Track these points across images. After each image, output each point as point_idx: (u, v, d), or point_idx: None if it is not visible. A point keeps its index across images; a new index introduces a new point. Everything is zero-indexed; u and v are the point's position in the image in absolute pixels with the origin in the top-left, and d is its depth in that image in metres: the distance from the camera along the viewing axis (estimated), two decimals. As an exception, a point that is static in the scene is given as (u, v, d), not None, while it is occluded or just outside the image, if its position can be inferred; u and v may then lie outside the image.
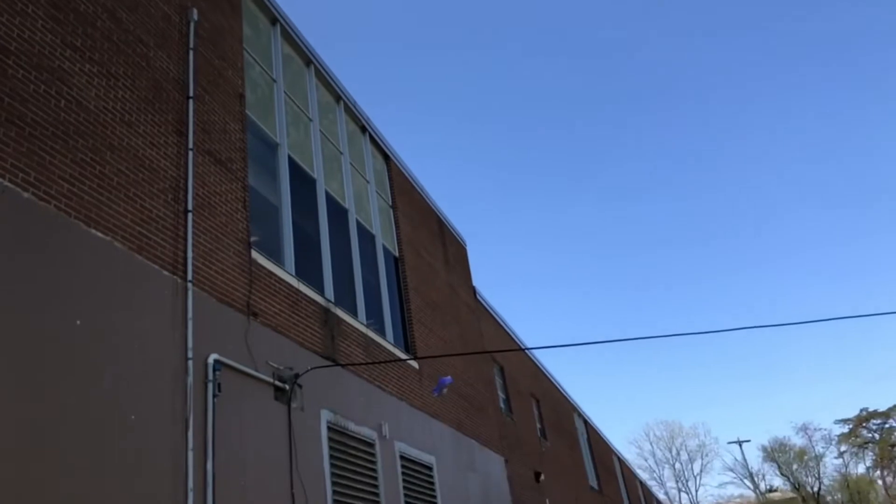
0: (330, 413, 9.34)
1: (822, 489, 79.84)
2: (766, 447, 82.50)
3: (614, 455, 34.78)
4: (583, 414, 29.18)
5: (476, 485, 14.03)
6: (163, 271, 7.00)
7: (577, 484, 23.79)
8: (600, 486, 27.94)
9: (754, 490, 70.72)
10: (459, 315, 16.50)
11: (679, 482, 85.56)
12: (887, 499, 71.70)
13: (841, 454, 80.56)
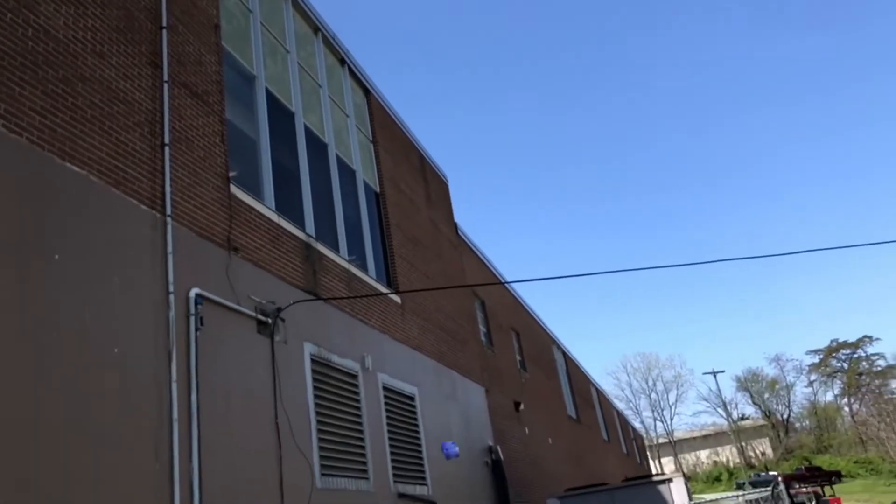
0: (313, 346, 9.46)
1: (792, 416, 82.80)
2: (739, 377, 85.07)
3: (592, 386, 35.66)
4: (562, 346, 29.75)
5: (457, 414, 14.38)
6: (141, 206, 6.94)
7: (555, 413, 24.44)
8: (578, 416, 28.74)
9: (727, 418, 73.23)
10: (441, 250, 16.58)
11: (655, 411, 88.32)
12: (852, 424, 74.51)
13: (811, 383, 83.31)
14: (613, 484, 15.54)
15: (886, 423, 64.77)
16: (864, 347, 78.17)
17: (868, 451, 67.01)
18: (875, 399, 72.08)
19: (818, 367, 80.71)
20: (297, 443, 8.32)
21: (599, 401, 36.84)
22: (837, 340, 79.41)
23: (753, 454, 75.57)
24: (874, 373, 75.76)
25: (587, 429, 30.16)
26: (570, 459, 24.29)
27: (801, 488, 26.56)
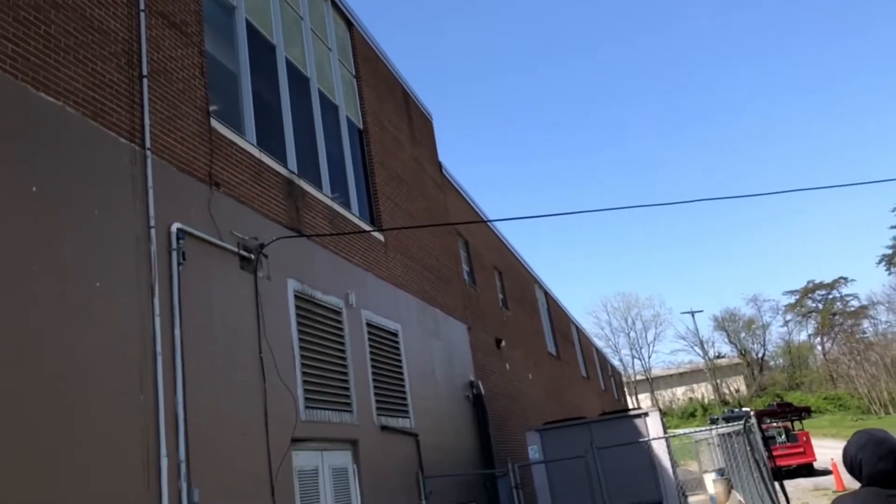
0: (296, 282, 9.49)
1: (766, 355, 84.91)
2: (717, 317, 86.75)
3: (572, 324, 36.22)
4: (543, 285, 30.05)
5: (440, 350, 14.59)
6: (120, 138, 6.82)
7: (536, 350, 24.87)
8: (558, 353, 29.27)
9: (703, 356, 74.94)
10: (425, 189, 16.52)
11: (633, 350, 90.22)
12: (823, 362, 76.62)
13: (786, 323, 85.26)
14: (591, 417, 15.95)
15: (857, 361, 66.62)
16: (839, 288, 79.85)
17: (838, 388, 69.14)
18: (847, 338, 73.96)
19: (794, 307, 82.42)
20: (281, 377, 8.43)
21: (579, 339, 37.49)
22: (814, 282, 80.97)
23: (728, 391, 77.69)
24: (847, 313, 77.53)
25: (567, 365, 30.77)
26: (549, 395, 24.83)
27: (771, 423, 27.41)
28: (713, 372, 71.42)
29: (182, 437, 6.54)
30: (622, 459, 13.02)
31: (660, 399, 78.58)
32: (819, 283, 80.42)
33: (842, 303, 79.22)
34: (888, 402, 58.98)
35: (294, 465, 8.44)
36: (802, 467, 26.43)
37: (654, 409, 14.49)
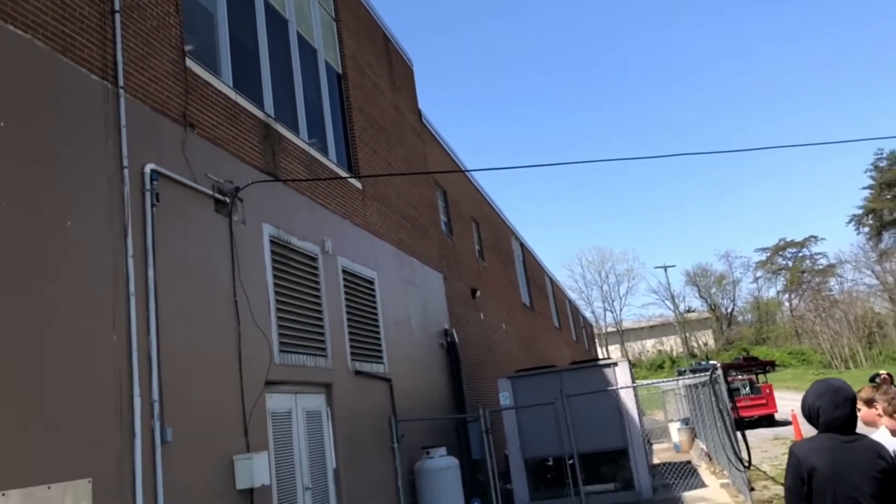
0: (272, 227, 9.46)
1: (735, 310, 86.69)
2: (689, 272, 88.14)
3: (547, 276, 36.57)
4: (520, 237, 30.22)
5: (416, 299, 14.71)
6: (91, 75, 6.67)
7: (510, 301, 25.15)
8: (532, 304, 29.62)
9: (674, 310, 76.18)
10: (404, 137, 16.39)
11: (605, 302, 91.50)
12: (790, 318, 78.45)
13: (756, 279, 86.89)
14: (561, 366, 16.27)
15: (822, 317, 68.31)
16: (809, 247, 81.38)
17: (802, 344, 71.03)
18: (814, 295, 75.66)
19: (764, 264, 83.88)
20: (255, 320, 8.47)
21: (553, 291, 37.91)
22: (785, 240, 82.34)
23: (696, 344, 79.39)
24: (816, 270, 79.16)
25: (540, 316, 31.18)
26: (522, 344, 25.22)
27: (737, 376, 28.18)
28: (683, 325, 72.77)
29: (155, 378, 6.59)
30: (590, 407, 13.35)
31: (630, 351, 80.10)
32: (790, 242, 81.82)
33: (811, 261, 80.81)
34: (849, 357, 60.81)
35: (268, 406, 8.55)
36: (764, 418, 27.31)
37: (623, 360, 14.81)
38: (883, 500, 3.28)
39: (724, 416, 12.20)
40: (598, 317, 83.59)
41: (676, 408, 27.80)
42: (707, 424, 16.52)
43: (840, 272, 75.35)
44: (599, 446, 13.61)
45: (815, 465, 3.38)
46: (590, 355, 47.03)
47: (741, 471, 11.49)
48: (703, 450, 18.71)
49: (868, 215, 70.40)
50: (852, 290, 70.82)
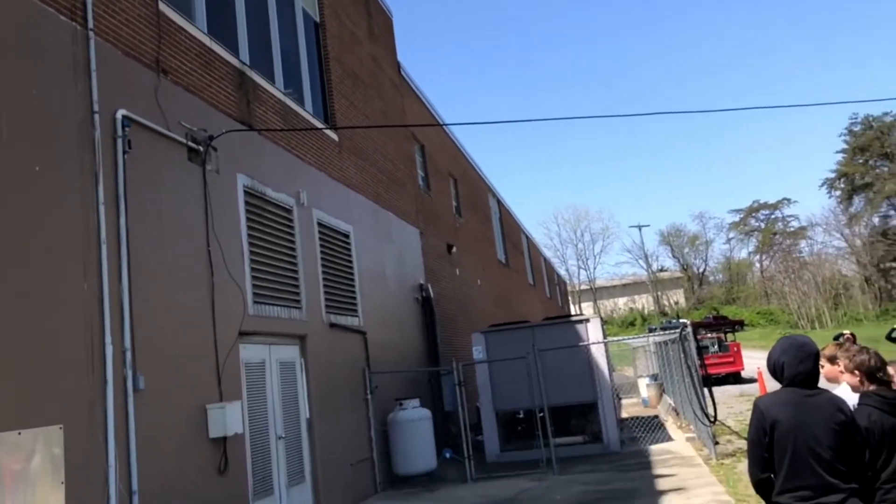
0: (246, 178, 9.34)
1: (707, 270, 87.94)
2: (663, 232, 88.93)
3: (523, 234, 36.72)
4: (497, 194, 30.20)
5: (391, 253, 14.71)
6: (60, 16, 6.46)
7: (486, 257, 25.26)
8: (507, 261, 29.79)
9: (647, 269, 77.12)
10: (382, 90, 16.16)
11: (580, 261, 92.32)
12: (760, 279, 79.88)
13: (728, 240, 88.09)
14: (534, 322, 16.46)
15: (791, 279, 69.68)
16: (782, 209, 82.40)
17: (771, 304, 72.51)
18: (784, 257, 76.98)
19: (737, 225, 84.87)
20: (229, 271, 8.43)
21: (529, 248, 38.12)
22: (759, 201, 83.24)
23: (667, 303, 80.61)
24: (787, 233, 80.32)
25: (515, 273, 31.40)
26: (496, 301, 25.43)
27: (706, 334, 28.73)
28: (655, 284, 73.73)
29: (127, 326, 6.56)
30: (562, 362, 13.57)
31: (602, 308, 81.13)
32: (763, 203, 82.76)
33: (783, 223, 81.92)
34: (815, 318, 62.29)
35: (241, 357, 8.58)
36: (731, 375, 27.98)
37: (595, 317, 15.01)
38: (839, 451, 3.39)
39: (692, 372, 12.46)
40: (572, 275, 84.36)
41: (646, 364, 28.34)
42: (675, 381, 16.89)
43: (811, 235, 76.68)
44: (569, 400, 13.88)
45: (777, 417, 3.48)
46: (563, 312, 47.59)
47: (707, 425, 11.81)
48: (671, 405, 19.16)
49: (840, 179, 71.29)
50: (821, 252, 72.26)
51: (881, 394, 4.15)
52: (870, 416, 4.06)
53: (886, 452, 4.03)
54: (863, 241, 67.86)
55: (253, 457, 8.54)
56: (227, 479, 7.78)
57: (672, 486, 9.62)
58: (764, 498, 3.62)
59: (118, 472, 6.14)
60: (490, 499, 10.18)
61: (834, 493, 3.35)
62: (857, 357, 4.32)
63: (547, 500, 9.70)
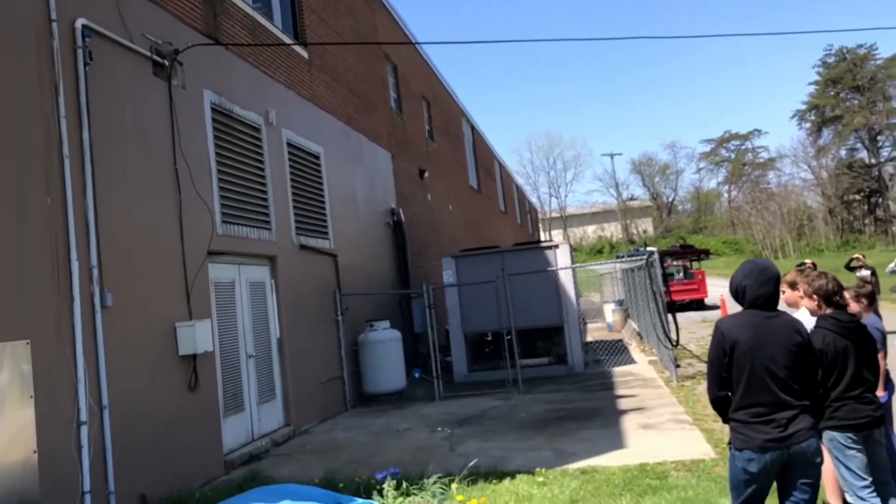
0: (213, 94, 9.09)
1: (676, 199, 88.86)
2: (634, 161, 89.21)
3: (495, 160, 36.55)
4: (470, 120, 29.86)
5: (362, 176, 14.57)
6: (9, -86, 6.07)
7: (458, 183, 25.17)
8: (479, 187, 29.73)
9: (617, 198, 77.67)
10: (354, 6, 15.64)
11: (551, 188, 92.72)
12: (727, 209, 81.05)
13: (699, 170, 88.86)
14: (504, 247, 16.59)
15: (757, 209, 70.82)
16: (753, 140, 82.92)
17: (737, 234, 73.85)
18: (752, 188, 77.97)
19: (708, 155, 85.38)
20: (197, 190, 8.29)
21: (501, 175, 38.02)
22: (730, 132, 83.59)
23: (636, 231, 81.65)
24: (756, 164, 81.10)
25: (486, 200, 31.39)
26: (468, 227, 25.50)
27: (672, 262, 29.28)
28: (624, 213, 74.52)
29: (94, 243, 6.47)
30: (530, 287, 13.76)
31: (571, 236, 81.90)
32: (735, 134, 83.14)
33: (753, 154, 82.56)
34: (779, 248, 63.71)
35: (210, 276, 8.55)
36: (694, 302, 28.71)
37: (564, 243, 15.16)
38: (794, 371, 3.52)
39: (657, 298, 12.73)
40: (543, 202, 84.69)
41: (612, 290, 28.89)
42: (640, 306, 17.27)
43: (779, 166, 77.52)
44: (536, 323, 14.15)
45: (737, 338, 3.58)
46: (533, 239, 47.98)
47: (669, 349, 12.16)
48: (635, 329, 19.66)
49: (811, 111, 71.62)
50: (788, 183, 73.25)
51: (836, 317, 4.31)
52: (824, 339, 4.22)
53: (837, 372, 4.21)
54: (829, 174, 68.86)
55: (223, 374, 8.63)
56: (198, 395, 7.87)
57: (633, 405, 9.96)
58: (721, 414, 3.76)
59: (88, 387, 6.17)
60: (457, 416, 10.47)
61: (787, 410, 3.49)
62: (815, 282, 4.45)
63: (512, 417, 10.01)
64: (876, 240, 61.40)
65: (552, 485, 6.31)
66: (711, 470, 6.34)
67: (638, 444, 7.66)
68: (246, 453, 8.74)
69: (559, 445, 7.95)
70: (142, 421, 6.87)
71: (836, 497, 4.94)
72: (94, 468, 6.12)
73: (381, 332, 12.79)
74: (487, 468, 7.03)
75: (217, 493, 6.56)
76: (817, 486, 3.55)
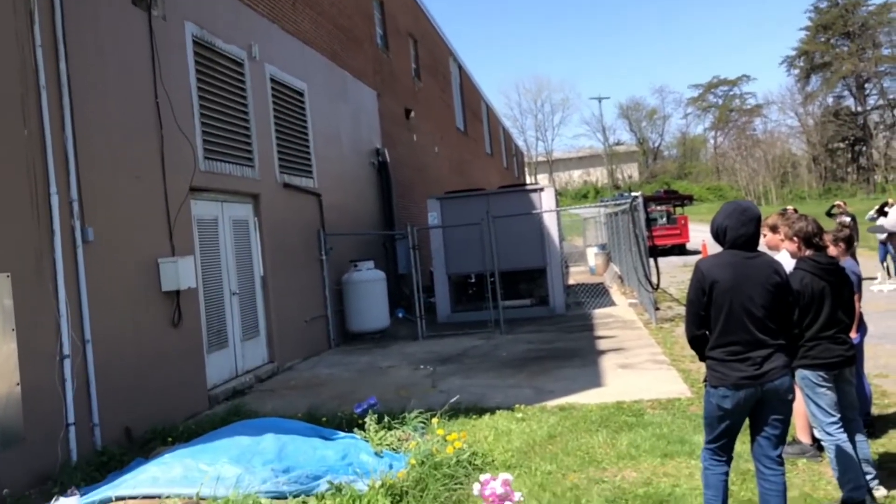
0: (195, 27, 8.85)
1: (662, 145, 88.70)
2: (622, 105, 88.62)
3: (483, 102, 36.12)
4: (458, 59, 29.35)
5: (347, 114, 14.37)
6: None
7: (444, 124, 24.91)
8: (466, 129, 29.46)
9: (603, 142, 77.40)
10: (338, -64, 15.14)
11: (538, 132, 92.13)
12: (713, 155, 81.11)
13: (686, 115, 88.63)
14: (490, 189, 16.56)
15: (742, 156, 70.92)
16: (741, 86, 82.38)
17: (721, 180, 74.06)
18: (738, 134, 77.87)
19: (696, 100, 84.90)
20: (178, 125, 8.15)
21: (488, 117, 37.64)
22: (718, 77, 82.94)
23: (621, 177, 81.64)
24: (743, 110, 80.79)
25: (473, 142, 31.14)
26: (453, 169, 25.35)
27: (656, 207, 29.41)
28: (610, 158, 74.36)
29: (73, 176, 6.37)
30: (514, 229, 13.79)
31: (557, 180, 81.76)
32: (723, 80, 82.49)
33: (740, 100, 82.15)
34: (762, 195, 64.10)
35: (193, 212, 8.48)
36: (676, 247, 28.97)
37: (549, 186, 15.14)
38: (771, 310, 3.58)
39: (639, 241, 12.82)
40: (530, 146, 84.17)
41: (595, 235, 29.07)
42: (622, 250, 17.41)
43: (766, 113, 77.33)
44: (520, 265, 14.24)
45: (717, 278, 3.62)
46: (519, 182, 47.84)
47: (649, 292, 12.31)
48: (617, 273, 19.86)
49: (800, 57, 71.05)
50: (774, 130, 73.19)
51: (815, 259, 4.37)
52: (802, 280, 4.28)
53: (813, 313, 4.29)
54: (815, 121, 68.80)
55: (207, 311, 8.65)
56: (182, 331, 7.90)
57: (612, 346, 10.14)
58: (698, 353, 3.83)
59: (70, 321, 6.17)
60: (439, 355, 10.61)
61: (762, 349, 3.56)
62: (796, 224, 4.49)
63: (493, 356, 10.16)
64: (857, 188, 61.85)
65: (531, 420, 6.46)
66: (687, 408, 6.51)
67: (616, 382, 7.83)
68: (230, 389, 8.84)
69: (539, 383, 8.11)
70: (125, 355, 6.90)
71: (806, 434, 5.11)
72: (78, 401, 6.17)
73: (365, 272, 12.83)
74: (468, 404, 7.17)
75: (201, 427, 6.65)
76: (788, 421, 3.66)
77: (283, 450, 5.12)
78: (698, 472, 4.10)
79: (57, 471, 5.69)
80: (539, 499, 4.60)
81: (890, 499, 4.22)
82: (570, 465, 5.24)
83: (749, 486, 4.46)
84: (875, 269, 14.95)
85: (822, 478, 4.66)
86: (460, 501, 4.64)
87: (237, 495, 4.29)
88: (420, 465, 4.87)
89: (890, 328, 9.12)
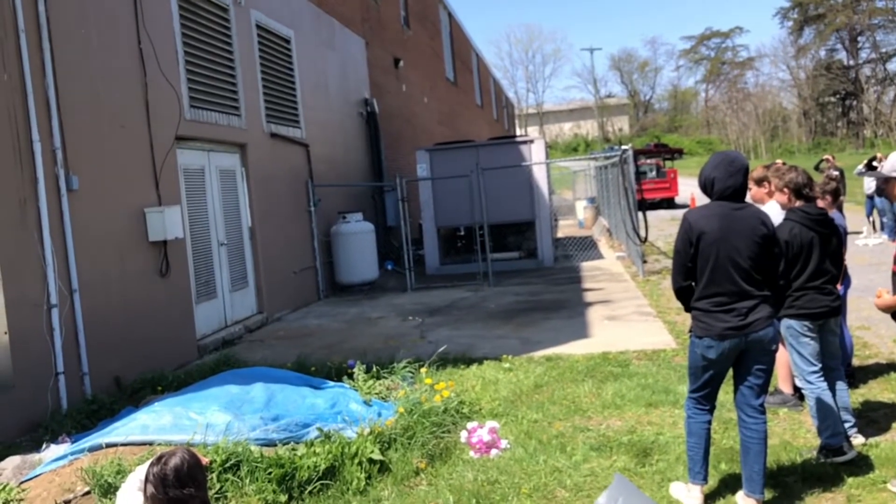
0: (177, -31, 8.60)
1: (653, 98, 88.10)
2: (614, 56, 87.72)
3: (473, 51, 35.57)
4: (448, 6, 28.80)
5: (334, 63, 14.13)
6: None
7: (434, 74, 24.55)
8: (455, 79, 29.07)
9: (594, 95, 76.72)
10: None
11: (529, 83, 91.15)
12: (704, 108, 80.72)
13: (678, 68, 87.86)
14: (479, 141, 16.43)
15: (733, 109, 70.59)
16: (734, 38, 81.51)
17: (711, 134, 73.86)
18: (729, 87, 77.32)
19: (688, 52, 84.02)
20: (163, 71, 7.99)
21: (478, 67, 37.12)
22: (711, 29, 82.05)
23: (612, 129, 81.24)
24: (735, 63, 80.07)
25: (462, 93, 30.78)
26: (443, 120, 25.10)
27: (645, 160, 29.33)
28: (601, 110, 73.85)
29: (56, 123, 6.26)
30: (504, 182, 13.74)
31: (547, 133, 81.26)
32: (716, 32, 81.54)
33: (732, 52, 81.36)
34: (752, 148, 64.06)
35: (179, 162, 8.38)
36: (665, 200, 29.00)
37: (539, 138, 15.04)
38: (757, 261, 3.59)
39: (628, 194, 12.82)
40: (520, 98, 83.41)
41: (585, 188, 29.02)
42: (611, 203, 17.41)
43: (758, 66, 76.64)
44: (509, 218, 14.24)
45: (704, 229, 3.62)
46: (509, 134, 47.48)
47: (637, 245, 12.37)
48: (605, 226, 19.90)
49: (794, 9, 70.19)
50: (766, 84, 72.70)
51: (805, 210, 4.38)
52: (791, 230, 4.30)
53: (801, 263, 4.33)
54: (807, 75, 68.34)
55: (195, 261, 8.63)
56: (170, 281, 7.89)
57: (599, 298, 10.22)
58: (683, 304, 3.86)
59: (57, 270, 6.14)
60: (428, 306, 10.67)
61: (747, 300, 3.58)
62: (786, 175, 4.49)
63: (481, 308, 10.23)
64: (847, 143, 61.84)
65: (518, 370, 6.53)
66: (672, 359, 6.60)
67: (602, 334, 7.91)
68: (219, 339, 8.88)
69: (526, 334, 8.18)
70: (114, 305, 6.89)
71: (788, 384, 5.20)
72: (66, 350, 6.18)
73: (353, 223, 12.79)
74: (456, 354, 7.24)
75: (190, 376, 6.69)
76: (771, 371, 3.71)
77: (273, 398, 5.17)
78: (682, 421, 4.17)
79: (47, 419, 5.73)
80: (525, 446, 4.68)
81: (868, 446, 4.32)
82: (556, 413, 5.32)
83: (731, 435, 4.55)
84: (861, 224, 15.07)
85: (801, 426, 4.76)
86: (448, 449, 4.72)
87: (227, 442, 4.33)
88: (408, 414, 4.93)
89: (873, 281, 9.23)
